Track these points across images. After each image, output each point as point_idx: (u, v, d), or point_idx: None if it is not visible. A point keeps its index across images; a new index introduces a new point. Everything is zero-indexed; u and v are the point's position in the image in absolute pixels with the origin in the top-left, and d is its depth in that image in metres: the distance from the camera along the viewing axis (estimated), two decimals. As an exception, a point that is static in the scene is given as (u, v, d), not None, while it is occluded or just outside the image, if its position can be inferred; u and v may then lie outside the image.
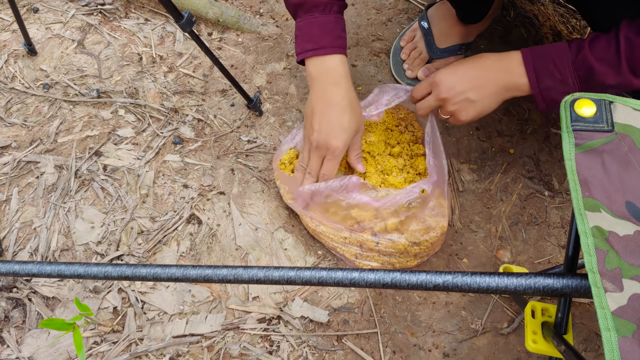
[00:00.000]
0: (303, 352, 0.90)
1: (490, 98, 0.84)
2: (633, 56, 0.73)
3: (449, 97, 0.84)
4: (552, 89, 0.79)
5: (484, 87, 0.83)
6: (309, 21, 0.87)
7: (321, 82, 0.87)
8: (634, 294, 0.43)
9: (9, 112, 1.12)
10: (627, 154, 0.52)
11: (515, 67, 0.81)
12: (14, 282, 0.93)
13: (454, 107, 0.85)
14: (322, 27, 0.86)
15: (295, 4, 0.88)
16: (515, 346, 0.91)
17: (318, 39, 0.86)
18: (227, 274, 0.57)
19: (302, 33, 0.88)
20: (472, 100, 0.84)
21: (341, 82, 0.86)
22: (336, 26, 0.87)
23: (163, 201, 1.03)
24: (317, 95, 0.87)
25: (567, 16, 1.31)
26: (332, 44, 0.86)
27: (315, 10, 0.86)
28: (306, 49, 0.87)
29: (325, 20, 0.86)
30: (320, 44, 0.86)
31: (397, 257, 0.93)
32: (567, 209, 1.05)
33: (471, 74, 0.84)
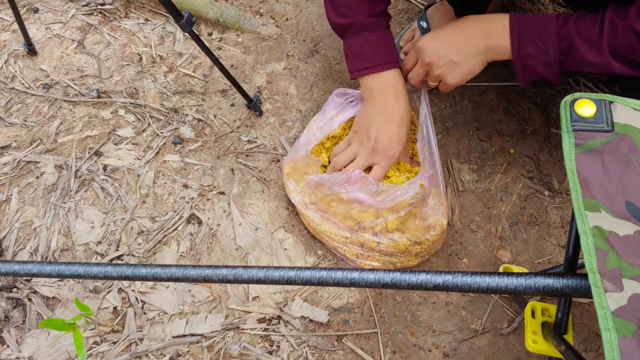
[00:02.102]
0: (303, 352, 0.90)
1: (473, 59, 0.85)
2: (615, 38, 0.73)
3: (433, 60, 0.86)
4: (532, 56, 0.80)
5: (466, 48, 0.84)
6: (360, 41, 0.92)
7: (383, 96, 0.92)
8: (634, 294, 0.43)
9: (9, 112, 1.12)
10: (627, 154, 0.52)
11: (499, 30, 0.82)
12: (14, 282, 0.93)
13: (439, 70, 0.86)
14: (374, 45, 0.91)
15: (343, 25, 0.92)
16: (515, 346, 0.91)
17: (372, 57, 0.91)
18: (227, 274, 0.57)
19: (354, 53, 0.93)
20: (456, 62, 0.85)
21: (400, 96, 0.92)
22: (387, 43, 0.92)
23: (163, 201, 1.03)
24: (379, 107, 0.92)
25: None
26: (386, 60, 0.91)
27: (364, 30, 0.91)
28: (361, 67, 0.92)
29: (375, 38, 0.91)
30: (375, 62, 0.91)
31: (399, 257, 0.93)
32: (567, 209, 1.05)
33: (454, 36, 0.85)
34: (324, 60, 1.22)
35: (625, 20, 0.72)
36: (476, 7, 1.11)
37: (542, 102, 1.16)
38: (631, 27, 0.72)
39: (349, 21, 0.90)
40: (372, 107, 0.93)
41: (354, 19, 0.90)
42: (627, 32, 0.72)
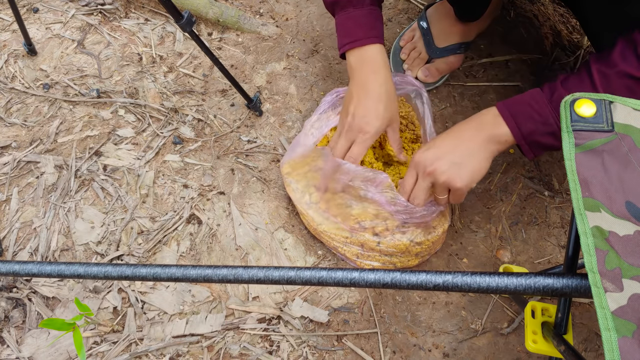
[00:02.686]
0: (303, 352, 0.90)
1: (476, 156, 0.80)
2: (610, 87, 0.72)
3: (435, 167, 0.80)
4: (535, 131, 0.76)
5: (465, 147, 0.80)
6: (344, 17, 0.91)
7: (361, 71, 0.90)
8: (634, 294, 0.43)
9: (9, 112, 1.12)
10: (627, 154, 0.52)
11: (490, 119, 0.79)
12: (14, 282, 0.93)
13: (444, 176, 0.80)
14: (356, 20, 0.90)
15: (332, 2, 0.92)
16: (515, 346, 0.91)
17: (353, 32, 0.90)
18: (227, 274, 0.57)
19: (340, 28, 0.92)
20: (458, 163, 0.80)
21: (380, 70, 0.89)
22: (369, 18, 0.90)
23: (163, 201, 1.03)
24: (357, 83, 0.90)
25: (567, 16, 1.31)
26: (367, 34, 0.89)
27: (349, 6, 0.90)
28: (344, 42, 0.91)
29: (358, 13, 0.90)
30: (356, 37, 0.89)
31: (399, 257, 0.93)
32: (567, 209, 1.05)
33: (448, 140, 0.82)
34: (324, 60, 1.22)
35: (614, 68, 0.71)
36: (477, 8, 1.11)
37: (542, 102, 1.16)
38: (624, 72, 0.71)
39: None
40: (352, 84, 0.91)
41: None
42: (620, 78, 0.71)
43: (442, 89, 1.18)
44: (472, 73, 1.20)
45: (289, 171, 0.99)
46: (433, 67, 1.15)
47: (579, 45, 1.27)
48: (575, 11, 0.98)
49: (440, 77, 1.17)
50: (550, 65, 1.22)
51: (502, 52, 1.23)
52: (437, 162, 0.80)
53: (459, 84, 1.19)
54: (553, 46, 1.25)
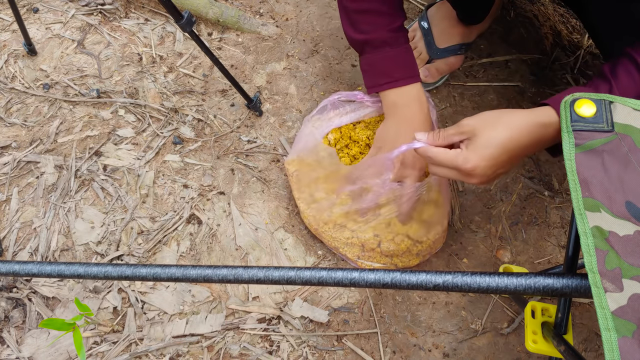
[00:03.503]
0: (303, 352, 0.90)
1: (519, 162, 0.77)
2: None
3: (481, 181, 0.73)
4: None
5: (517, 160, 0.75)
6: (380, 56, 0.91)
7: (407, 109, 0.90)
8: (634, 294, 0.43)
9: (9, 112, 1.12)
10: (627, 154, 0.52)
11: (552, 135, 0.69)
12: (14, 282, 0.93)
13: (479, 181, 0.74)
14: (394, 60, 0.91)
15: (362, 41, 0.91)
16: (515, 346, 0.91)
17: (392, 72, 0.90)
18: (227, 274, 0.57)
19: (375, 68, 0.92)
20: (502, 174, 0.76)
21: (424, 108, 0.91)
22: (408, 57, 0.92)
23: (163, 201, 1.03)
24: (403, 120, 0.90)
25: (567, 16, 1.31)
26: (408, 74, 0.91)
27: (385, 46, 0.90)
28: (381, 82, 0.91)
29: (396, 53, 0.91)
30: (396, 77, 0.90)
31: (399, 257, 0.93)
32: (567, 209, 1.05)
33: (509, 159, 0.72)
34: (324, 60, 1.22)
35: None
36: (479, 11, 1.11)
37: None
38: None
39: (368, 37, 0.90)
40: (396, 121, 0.91)
41: (373, 35, 0.89)
42: None
43: (442, 89, 1.18)
44: (472, 73, 1.20)
45: (293, 172, 0.99)
46: (433, 67, 1.15)
47: (579, 45, 1.27)
48: (581, 16, 0.97)
49: (440, 77, 1.17)
50: (550, 65, 1.22)
51: (502, 52, 1.23)
52: (485, 178, 0.72)
53: (459, 84, 1.19)
54: (553, 46, 1.25)
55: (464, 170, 0.71)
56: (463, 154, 0.70)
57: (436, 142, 0.74)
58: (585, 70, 1.23)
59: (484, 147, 0.69)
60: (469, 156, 0.70)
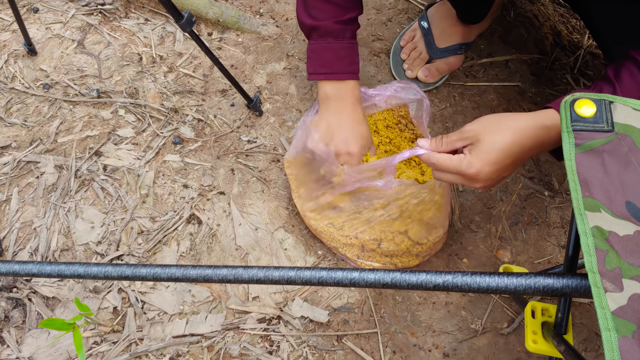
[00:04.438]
0: (303, 352, 0.90)
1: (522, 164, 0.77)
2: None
3: (485, 185, 0.73)
4: None
5: (520, 164, 0.74)
6: (323, 45, 0.91)
7: (338, 103, 0.91)
8: (634, 294, 0.43)
9: (9, 112, 1.12)
10: (627, 154, 0.52)
11: (554, 137, 0.69)
12: (14, 282, 0.93)
13: (482, 186, 0.74)
14: (336, 52, 0.90)
15: (310, 26, 0.91)
16: (515, 346, 0.91)
17: (332, 64, 0.90)
18: (227, 274, 0.57)
19: (316, 55, 0.92)
20: (505, 177, 0.75)
21: (356, 103, 0.91)
22: (350, 52, 0.91)
23: (163, 201, 1.03)
24: (334, 113, 0.91)
25: (567, 16, 1.32)
26: (346, 69, 0.90)
27: (329, 36, 0.90)
28: (319, 71, 0.91)
29: (339, 46, 0.90)
30: (334, 69, 0.90)
31: (399, 257, 0.93)
32: (567, 209, 1.05)
33: (512, 163, 0.71)
34: (324, 60, 1.22)
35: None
36: (479, 11, 1.11)
37: (542, 102, 1.16)
38: None
39: (316, 23, 0.90)
40: (327, 113, 0.92)
41: (321, 22, 0.89)
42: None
43: (442, 89, 1.18)
44: (472, 73, 1.20)
45: (292, 170, 0.99)
46: (433, 67, 1.15)
47: (579, 45, 1.27)
48: (584, 17, 0.97)
49: (440, 77, 1.17)
50: (550, 65, 1.22)
51: (502, 52, 1.23)
52: (489, 182, 0.72)
53: (459, 84, 1.19)
54: (553, 46, 1.25)
55: (468, 176, 0.71)
56: (467, 159, 0.70)
57: (439, 148, 0.75)
58: (585, 70, 1.23)
59: (487, 152, 0.69)
60: (473, 161, 0.69)
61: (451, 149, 0.74)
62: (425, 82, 1.15)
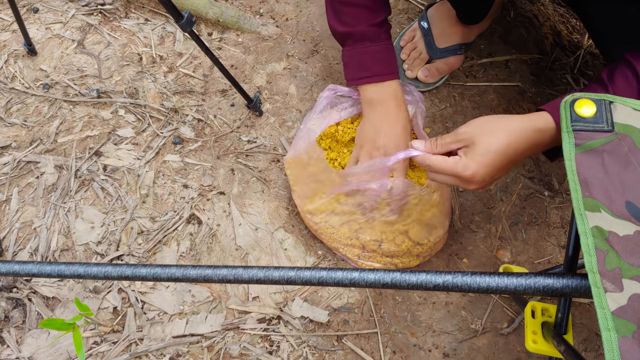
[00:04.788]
0: (303, 352, 0.90)
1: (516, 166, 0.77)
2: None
3: (480, 186, 0.73)
4: None
5: (514, 165, 0.75)
6: (360, 50, 0.91)
7: (384, 105, 0.91)
8: (634, 294, 0.43)
9: (9, 112, 1.12)
10: (627, 154, 0.52)
11: (548, 140, 0.70)
12: (14, 282, 0.93)
13: (480, 189, 0.75)
14: (374, 55, 0.91)
15: (344, 34, 0.92)
16: (515, 346, 0.91)
17: (371, 67, 0.91)
18: (227, 274, 0.57)
19: (354, 61, 0.93)
20: (499, 178, 0.76)
21: (402, 105, 0.92)
22: (387, 53, 0.92)
23: (163, 201, 1.03)
24: (381, 116, 0.91)
25: (567, 16, 1.32)
26: (387, 70, 0.91)
27: (365, 40, 0.91)
28: (360, 76, 0.92)
29: (376, 49, 0.91)
30: (375, 72, 0.91)
31: (400, 258, 0.93)
32: (567, 209, 1.05)
33: (507, 164, 0.72)
34: (324, 61, 1.22)
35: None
36: (479, 11, 1.11)
37: (542, 102, 1.16)
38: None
39: (349, 29, 0.90)
40: (374, 117, 0.92)
41: (355, 27, 0.90)
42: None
43: (442, 89, 1.18)
44: (472, 73, 1.20)
45: (292, 171, 0.99)
46: (433, 67, 1.15)
47: (579, 45, 1.27)
48: (583, 18, 0.97)
49: (440, 77, 1.17)
50: (550, 65, 1.22)
51: (502, 52, 1.23)
52: (484, 184, 0.73)
53: (459, 84, 1.19)
54: (553, 46, 1.25)
55: (463, 177, 0.71)
56: (462, 161, 0.71)
57: (434, 150, 0.75)
58: (585, 70, 1.23)
59: (483, 154, 0.69)
60: (468, 163, 0.70)
61: (446, 151, 0.74)
62: (425, 82, 1.15)
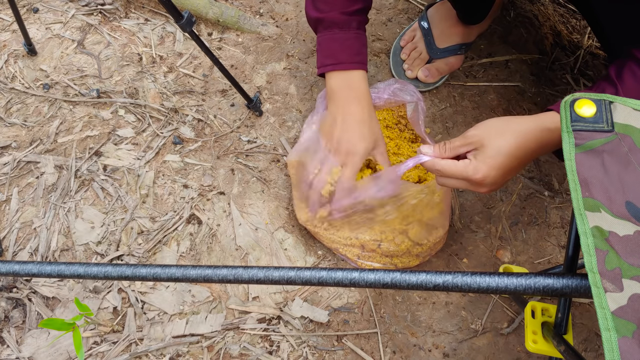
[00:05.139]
0: (303, 352, 0.90)
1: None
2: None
3: (490, 189, 0.73)
4: None
5: (524, 166, 0.74)
6: (328, 37, 0.90)
7: (343, 95, 0.89)
8: (634, 294, 0.43)
9: (9, 112, 1.12)
10: (627, 154, 0.52)
11: (556, 140, 0.70)
12: (14, 282, 0.93)
13: (491, 191, 0.75)
14: (342, 43, 0.89)
15: (315, 19, 0.91)
16: (515, 346, 0.91)
17: (337, 54, 0.89)
18: (227, 274, 0.57)
19: (322, 48, 0.91)
20: (508, 180, 0.75)
21: (363, 97, 0.89)
22: (355, 42, 0.90)
23: (163, 201, 1.03)
24: (338, 107, 0.89)
25: (567, 16, 1.32)
26: (352, 59, 0.89)
27: (334, 27, 0.89)
28: (325, 63, 0.90)
29: (344, 36, 0.89)
30: (340, 59, 0.89)
31: (400, 258, 0.93)
32: (567, 209, 1.05)
33: (517, 166, 0.72)
34: (324, 60, 1.22)
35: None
36: (479, 11, 1.11)
37: (542, 102, 1.16)
38: None
39: (321, 15, 0.89)
40: (333, 107, 0.90)
41: (326, 14, 0.89)
42: None
43: (442, 89, 1.18)
44: (472, 73, 1.20)
45: (293, 172, 0.99)
46: (433, 67, 1.15)
47: (579, 45, 1.27)
48: (587, 16, 0.97)
49: (441, 77, 1.17)
50: (550, 65, 1.22)
51: (502, 52, 1.23)
52: (495, 186, 0.73)
53: (459, 84, 1.19)
54: (553, 46, 1.25)
55: (474, 181, 0.70)
56: (472, 164, 0.70)
57: (442, 154, 0.74)
58: (585, 70, 1.23)
59: (493, 157, 0.69)
60: (479, 166, 0.69)
61: (455, 155, 0.74)
62: (425, 82, 1.15)
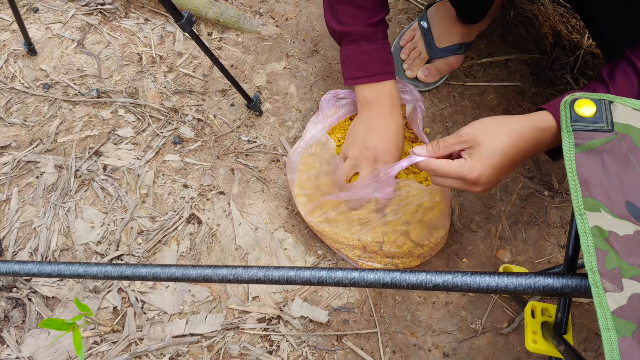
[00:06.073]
0: (303, 352, 0.90)
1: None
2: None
3: (485, 189, 0.73)
4: None
5: (517, 166, 0.74)
6: (357, 50, 0.92)
7: (378, 106, 0.91)
8: (634, 294, 0.43)
9: (9, 112, 1.12)
10: (627, 154, 0.52)
11: (549, 140, 0.70)
12: (14, 282, 0.93)
13: (486, 191, 0.74)
14: (371, 55, 0.91)
15: (341, 33, 0.92)
16: (515, 346, 0.91)
17: (368, 67, 0.91)
18: (227, 274, 0.57)
19: (350, 61, 0.93)
20: (503, 180, 0.76)
21: (396, 107, 0.92)
22: (384, 54, 0.92)
23: (163, 201, 1.03)
24: (374, 117, 0.91)
25: (567, 16, 1.32)
26: (383, 71, 0.91)
27: (362, 40, 0.91)
28: (356, 76, 0.92)
29: (372, 49, 0.91)
30: (371, 72, 0.91)
31: (401, 259, 0.93)
32: (567, 209, 1.05)
33: (511, 165, 0.72)
34: (324, 61, 1.22)
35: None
36: (479, 11, 1.11)
37: (542, 102, 1.16)
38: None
39: (346, 29, 0.90)
40: (367, 117, 0.92)
41: (352, 27, 0.90)
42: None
43: (442, 89, 1.18)
44: (472, 73, 1.20)
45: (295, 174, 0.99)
46: (433, 67, 1.15)
47: (579, 45, 1.27)
48: (583, 16, 0.97)
49: (440, 77, 1.17)
50: (550, 65, 1.22)
51: (502, 52, 1.23)
52: (490, 186, 0.72)
53: (459, 84, 1.19)
54: (553, 46, 1.25)
55: (469, 180, 0.70)
56: (468, 164, 0.70)
57: (436, 153, 0.74)
58: (585, 70, 1.23)
59: (488, 156, 0.69)
60: (474, 166, 0.69)
61: (449, 153, 0.74)
62: (425, 82, 1.15)
